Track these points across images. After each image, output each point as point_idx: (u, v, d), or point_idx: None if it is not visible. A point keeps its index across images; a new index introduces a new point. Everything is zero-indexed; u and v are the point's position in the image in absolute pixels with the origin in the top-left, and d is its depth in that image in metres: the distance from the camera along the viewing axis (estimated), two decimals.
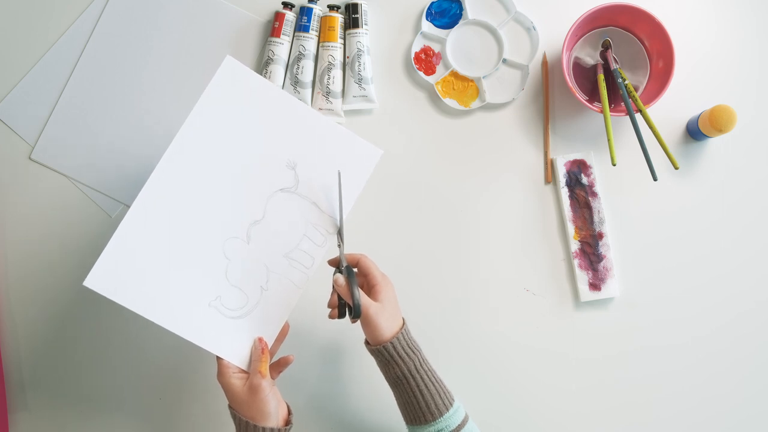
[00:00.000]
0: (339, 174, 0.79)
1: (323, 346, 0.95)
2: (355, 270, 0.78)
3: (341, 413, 0.95)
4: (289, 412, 0.78)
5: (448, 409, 0.75)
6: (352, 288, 0.74)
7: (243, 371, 0.76)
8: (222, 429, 0.95)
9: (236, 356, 0.77)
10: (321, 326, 0.94)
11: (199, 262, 0.77)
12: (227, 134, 0.78)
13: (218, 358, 0.76)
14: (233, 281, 0.78)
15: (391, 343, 0.74)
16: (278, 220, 0.79)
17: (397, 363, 0.75)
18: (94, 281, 0.73)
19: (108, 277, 0.74)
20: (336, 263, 0.79)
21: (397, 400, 0.78)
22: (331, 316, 0.79)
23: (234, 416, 0.75)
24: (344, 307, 0.78)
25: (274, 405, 0.74)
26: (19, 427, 0.96)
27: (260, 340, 0.77)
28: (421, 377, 0.75)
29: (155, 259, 0.76)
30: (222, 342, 0.77)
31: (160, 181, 0.76)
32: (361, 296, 0.74)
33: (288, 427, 0.76)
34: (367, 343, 0.77)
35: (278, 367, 0.79)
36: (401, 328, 0.76)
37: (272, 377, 0.78)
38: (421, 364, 0.76)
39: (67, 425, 0.96)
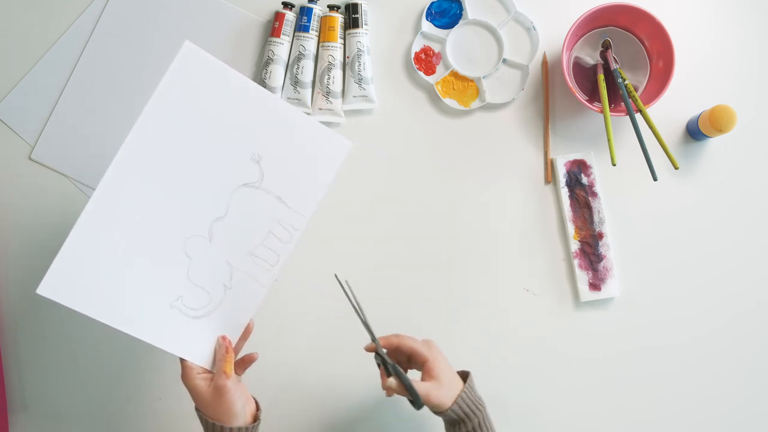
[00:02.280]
0: (336, 276, 0.77)
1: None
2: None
3: None
4: (258, 408, 0.77)
5: None
6: (406, 384, 0.73)
7: (207, 371, 0.75)
8: None
9: (200, 357, 0.75)
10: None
11: (159, 263, 0.74)
12: (187, 126, 0.74)
13: (181, 360, 0.74)
14: (195, 280, 0.75)
15: (457, 403, 0.75)
16: (242, 216, 0.76)
17: (463, 421, 0.76)
18: (47, 289, 0.70)
19: (62, 284, 0.70)
20: (373, 350, 0.77)
21: None
22: (388, 395, 0.76)
23: (201, 419, 0.74)
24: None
25: (240, 405, 0.73)
26: (19, 427, 0.96)
27: (224, 338, 0.76)
28: None
29: (113, 261, 0.72)
30: (185, 343, 0.74)
31: (115, 179, 0.72)
32: (417, 385, 0.73)
33: (256, 424, 0.75)
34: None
35: (243, 364, 0.78)
36: (463, 388, 0.76)
37: (237, 374, 0.77)
38: (484, 421, 0.77)
39: (66, 425, 0.96)
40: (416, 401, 0.73)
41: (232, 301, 0.77)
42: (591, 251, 0.95)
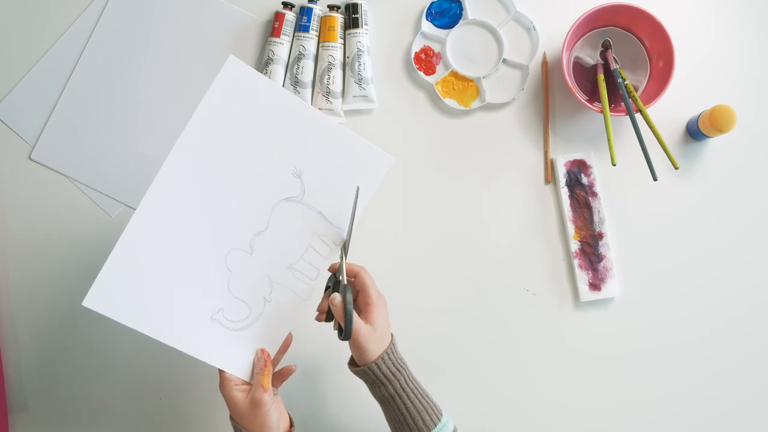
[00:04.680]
0: (357, 189, 0.76)
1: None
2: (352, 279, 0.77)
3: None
4: (292, 424, 0.77)
5: (435, 425, 0.75)
6: (346, 309, 0.72)
7: (245, 383, 0.75)
8: (221, 428, 0.95)
9: (238, 368, 0.75)
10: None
11: (200, 276, 0.74)
12: (230, 140, 0.75)
13: (220, 370, 0.75)
14: (236, 293, 0.76)
15: (376, 363, 0.73)
16: (282, 230, 0.76)
17: (383, 383, 0.75)
18: (93, 301, 0.70)
19: (107, 296, 0.71)
20: (335, 270, 0.77)
21: (385, 416, 0.78)
22: (318, 319, 0.77)
23: (235, 428, 0.74)
24: (333, 317, 0.76)
25: (275, 419, 0.73)
26: (19, 427, 0.96)
27: (263, 351, 0.76)
28: (407, 395, 0.75)
29: (155, 274, 0.73)
30: (224, 354, 0.75)
31: (159, 193, 0.73)
32: (354, 319, 0.72)
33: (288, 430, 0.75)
34: (351, 364, 0.77)
35: (281, 377, 0.78)
36: (387, 347, 0.75)
37: (275, 386, 0.77)
38: (407, 382, 0.75)
39: (66, 425, 0.96)
40: (346, 330, 0.71)
41: (272, 315, 0.77)
42: (591, 251, 0.95)
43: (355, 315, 0.72)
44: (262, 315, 0.76)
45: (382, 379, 0.74)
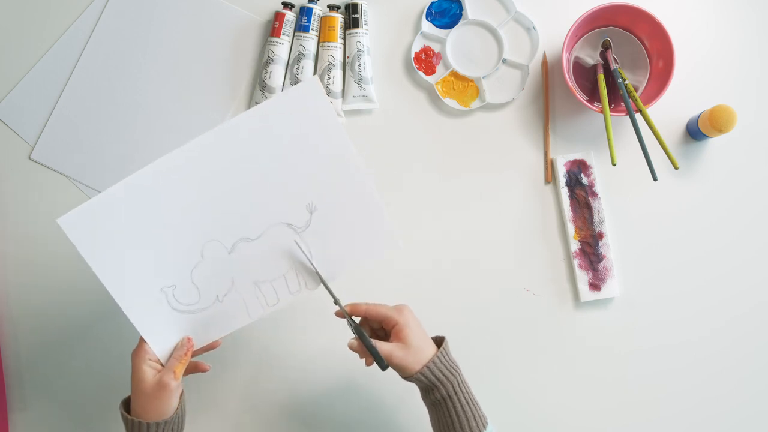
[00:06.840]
0: (297, 243, 0.77)
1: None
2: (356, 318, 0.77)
3: None
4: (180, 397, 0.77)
5: None
6: (366, 344, 0.74)
7: (159, 362, 0.76)
8: (221, 426, 0.95)
9: (159, 345, 0.76)
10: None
11: (173, 249, 0.76)
12: (268, 148, 0.75)
13: (141, 339, 0.76)
14: (195, 279, 0.77)
15: (428, 368, 0.74)
16: (268, 248, 0.77)
17: (435, 386, 0.76)
18: (68, 223, 0.73)
19: (82, 224, 0.73)
20: (341, 316, 0.77)
21: (431, 418, 0.78)
22: (367, 364, 0.76)
23: (125, 419, 0.74)
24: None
25: (173, 408, 0.74)
26: (19, 427, 0.96)
27: (189, 339, 0.77)
28: (459, 399, 0.76)
29: (134, 227, 0.74)
30: (153, 326, 0.76)
31: (180, 157, 0.74)
32: (381, 346, 0.74)
33: (176, 411, 0.75)
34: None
35: (192, 370, 0.79)
36: (436, 353, 0.76)
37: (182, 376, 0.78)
38: (459, 386, 0.76)
39: (67, 425, 0.96)
40: (381, 364, 0.74)
41: (216, 315, 0.78)
42: (591, 251, 0.95)
43: (381, 343, 0.74)
44: (207, 310, 0.78)
45: (435, 382, 0.75)
